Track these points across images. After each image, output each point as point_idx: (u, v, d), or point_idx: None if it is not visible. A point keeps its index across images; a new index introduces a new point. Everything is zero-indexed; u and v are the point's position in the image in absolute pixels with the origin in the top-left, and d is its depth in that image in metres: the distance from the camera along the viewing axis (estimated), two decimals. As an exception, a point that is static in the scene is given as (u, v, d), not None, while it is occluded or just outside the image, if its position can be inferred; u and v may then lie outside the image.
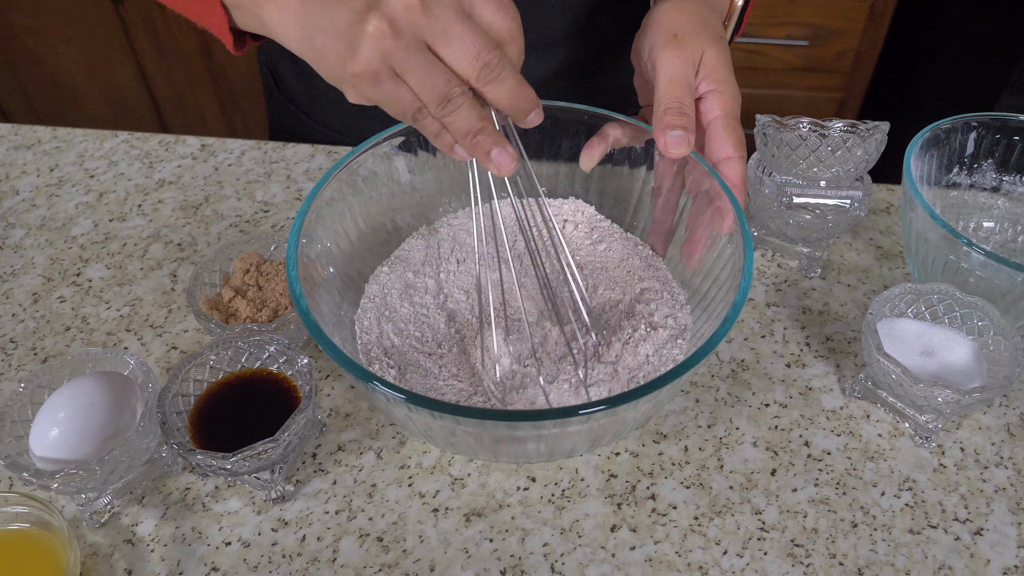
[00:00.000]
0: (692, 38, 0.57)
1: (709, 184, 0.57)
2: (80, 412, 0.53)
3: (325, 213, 0.58)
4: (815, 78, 1.79)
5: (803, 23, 1.69)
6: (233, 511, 0.56)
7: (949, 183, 0.69)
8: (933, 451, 0.58)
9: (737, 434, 0.60)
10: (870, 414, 0.61)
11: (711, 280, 0.57)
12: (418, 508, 0.56)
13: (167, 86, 1.98)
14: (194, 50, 1.89)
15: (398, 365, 0.57)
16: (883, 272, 0.71)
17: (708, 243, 0.58)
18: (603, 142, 0.63)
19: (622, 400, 0.44)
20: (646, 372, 0.56)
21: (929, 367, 0.58)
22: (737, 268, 0.52)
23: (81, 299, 0.69)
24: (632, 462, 0.58)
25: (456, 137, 0.49)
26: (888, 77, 1.83)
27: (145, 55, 1.92)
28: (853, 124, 0.62)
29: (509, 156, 0.49)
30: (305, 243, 0.54)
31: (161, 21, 1.85)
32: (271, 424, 0.54)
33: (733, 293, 0.51)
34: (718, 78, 0.57)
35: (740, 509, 0.55)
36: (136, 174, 0.81)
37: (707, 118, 0.58)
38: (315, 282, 0.55)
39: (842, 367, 0.64)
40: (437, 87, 0.46)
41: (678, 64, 0.57)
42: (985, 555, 0.53)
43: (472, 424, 0.46)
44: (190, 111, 2.03)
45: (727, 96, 0.57)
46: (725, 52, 0.58)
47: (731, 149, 0.57)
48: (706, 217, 0.58)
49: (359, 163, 0.60)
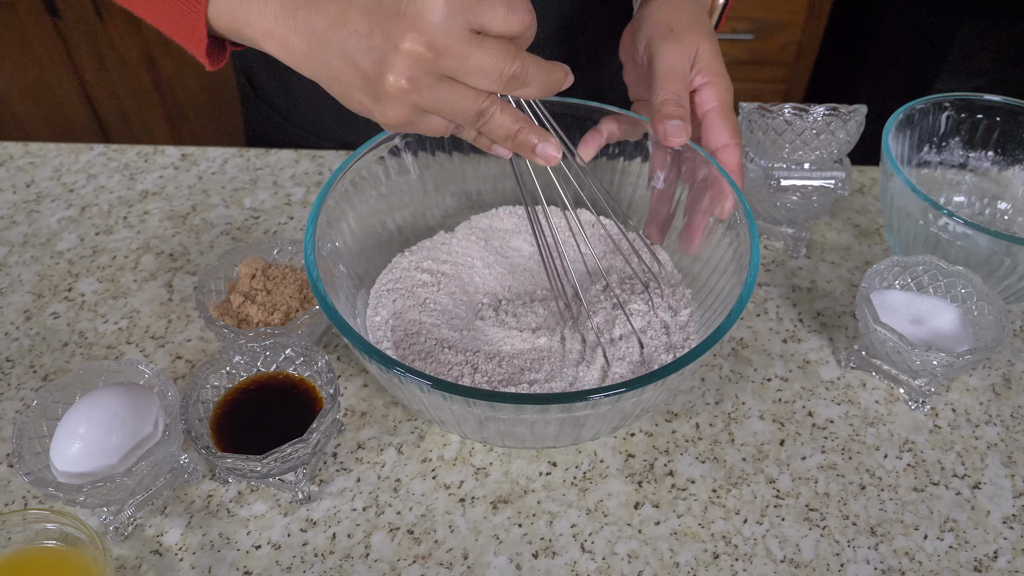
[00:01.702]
0: (687, 33, 0.60)
1: (706, 172, 0.60)
2: (102, 424, 0.53)
3: (333, 213, 0.58)
4: (760, 71, 1.85)
5: (747, 17, 1.75)
6: (259, 515, 0.56)
7: (920, 161, 0.73)
8: (928, 414, 0.62)
9: (744, 409, 0.62)
10: (866, 382, 0.64)
11: (714, 266, 0.59)
12: (444, 499, 0.57)
13: (110, 100, 1.94)
14: (138, 62, 1.86)
15: (416, 353, 0.58)
16: (863, 249, 0.74)
17: (707, 229, 0.60)
18: (599, 136, 0.64)
19: (647, 380, 0.46)
20: (660, 358, 0.58)
21: (920, 334, 0.61)
22: (745, 248, 0.54)
23: (76, 314, 0.68)
24: (647, 441, 0.60)
25: (496, 141, 0.50)
26: (829, 67, 1.90)
27: (86, 69, 1.87)
28: (834, 107, 0.65)
29: (554, 147, 0.49)
30: (320, 243, 0.55)
31: (102, 34, 1.81)
32: (292, 425, 0.55)
33: (742, 273, 0.53)
34: (712, 71, 0.60)
35: (755, 479, 0.58)
36: (117, 186, 0.80)
37: (703, 109, 0.60)
38: (331, 281, 0.55)
39: (835, 340, 0.67)
40: (467, 110, 0.46)
41: (675, 58, 0.59)
42: (985, 507, 0.56)
43: (507, 410, 0.47)
44: (135, 125, 1.99)
45: (721, 88, 0.60)
46: (717, 46, 0.61)
47: (727, 137, 0.59)
48: (704, 204, 0.61)
49: (365, 162, 0.60)
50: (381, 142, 0.61)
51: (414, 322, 0.60)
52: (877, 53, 1.78)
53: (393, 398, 0.62)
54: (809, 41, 1.80)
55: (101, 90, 1.91)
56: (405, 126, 0.48)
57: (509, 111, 0.48)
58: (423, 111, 0.47)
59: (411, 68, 0.44)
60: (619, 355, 0.57)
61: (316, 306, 0.60)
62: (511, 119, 0.48)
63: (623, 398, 0.47)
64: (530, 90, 0.47)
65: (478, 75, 0.45)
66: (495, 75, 0.45)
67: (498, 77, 0.45)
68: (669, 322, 0.60)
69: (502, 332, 0.60)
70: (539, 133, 0.49)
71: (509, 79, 0.45)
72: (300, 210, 0.77)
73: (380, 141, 0.61)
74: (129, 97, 1.92)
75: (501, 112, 0.48)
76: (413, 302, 0.62)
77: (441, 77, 0.45)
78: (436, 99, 0.45)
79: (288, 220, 0.76)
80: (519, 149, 0.50)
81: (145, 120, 1.96)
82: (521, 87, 0.46)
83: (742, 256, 0.55)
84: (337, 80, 0.47)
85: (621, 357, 0.57)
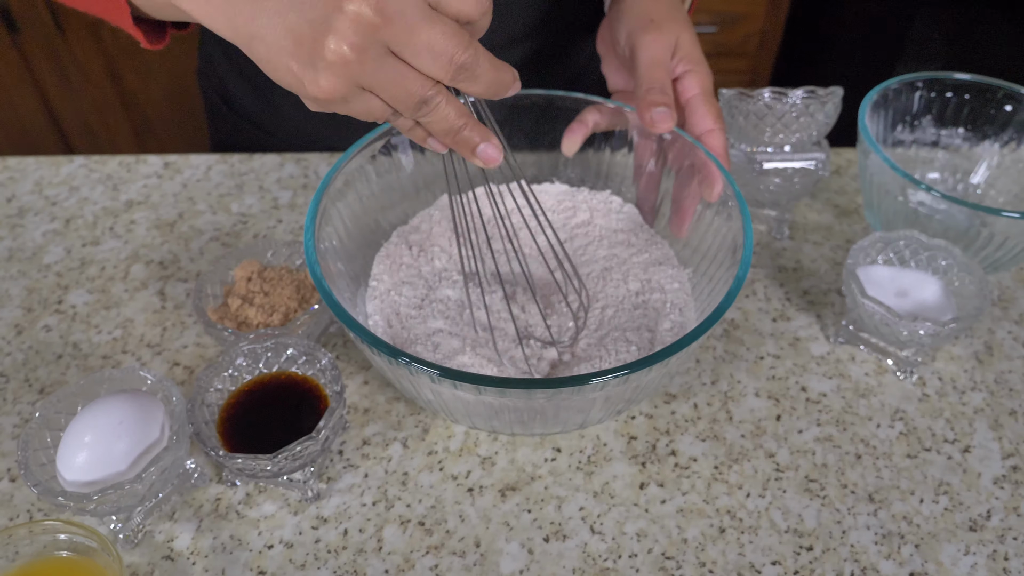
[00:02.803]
0: (667, 23, 0.61)
1: (693, 157, 0.61)
2: (109, 432, 0.53)
3: (328, 211, 0.59)
4: (725, 62, 1.88)
5: (710, 10, 1.78)
6: (269, 515, 0.56)
7: (894, 141, 0.75)
8: (916, 383, 0.64)
9: (740, 387, 0.63)
10: (855, 356, 0.66)
11: (705, 251, 0.61)
12: (453, 490, 0.57)
13: (74, 115, 1.91)
14: (100, 76, 1.83)
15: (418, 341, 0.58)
16: (843, 228, 0.76)
17: (698, 214, 0.62)
18: (584, 126, 0.66)
19: (643, 364, 0.47)
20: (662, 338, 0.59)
21: (905, 306, 0.63)
22: (737, 229, 0.56)
23: (68, 326, 0.67)
24: (648, 423, 0.61)
25: (436, 135, 0.47)
26: (791, 57, 1.94)
27: (48, 84, 1.85)
28: (811, 90, 0.67)
29: (495, 148, 0.47)
30: (319, 242, 0.55)
31: (63, 48, 1.78)
32: (298, 424, 0.55)
33: (736, 253, 0.54)
34: (693, 59, 0.61)
35: (755, 454, 0.59)
36: (101, 197, 0.80)
37: (685, 96, 0.62)
38: (331, 278, 0.56)
39: (823, 316, 0.68)
40: (411, 95, 0.43)
41: (657, 48, 0.60)
42: (976, 469, 0.58)
43: (517, 395, 0.48)
44: (101, 139, 1.96)
45: (702, 75, 0.62)
46: (695, 35, 0.63)
47: (712, 122, 0.61)
48: (692, 188, 0.62)
49: (362, 157, 0.61)
50: (375, 139, 0.62)
51: (408, 315, 0.61)
52: (837, 42, 1.82)
53: (397, 393, 0.63)
54: (771, 31, 1.83)
55: (64, 105, 1.89)
56: (336, 103, 0.43)
57: (455, 104, 0.45)
58: (361, 88, 0.42)
59: (356, 33, 0.39)
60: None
61: (315, 306, 0.61)
62: (456, 113, 0.45)
63: (629, 379, 0.48)
64: (477, 86, 0.44)
65: (427, 55, 0.41)
66: (445, 59, 0.41)
67: (448, 62, 0.41)
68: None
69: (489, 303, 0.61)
70: (482, 132, 0.46)
71: (459, 67, 0.42)
72: (288, 213, 0.77)
73: (374, 138, 0.61)
74: (93, 112, 1.90)
75: (447, 104, 0.44)
76: (407, 294, 0.62)
77: (387, 51, 0.40)
78: (379, 76, 0.41)
79: (277, 223, 0.76)
80: (459, 147, 0.47)
81: (111, 135, 1.94)
82: (469, 80, 0.43)
83: (736, 237, 0.56)
84: (262, 41, 0.41)
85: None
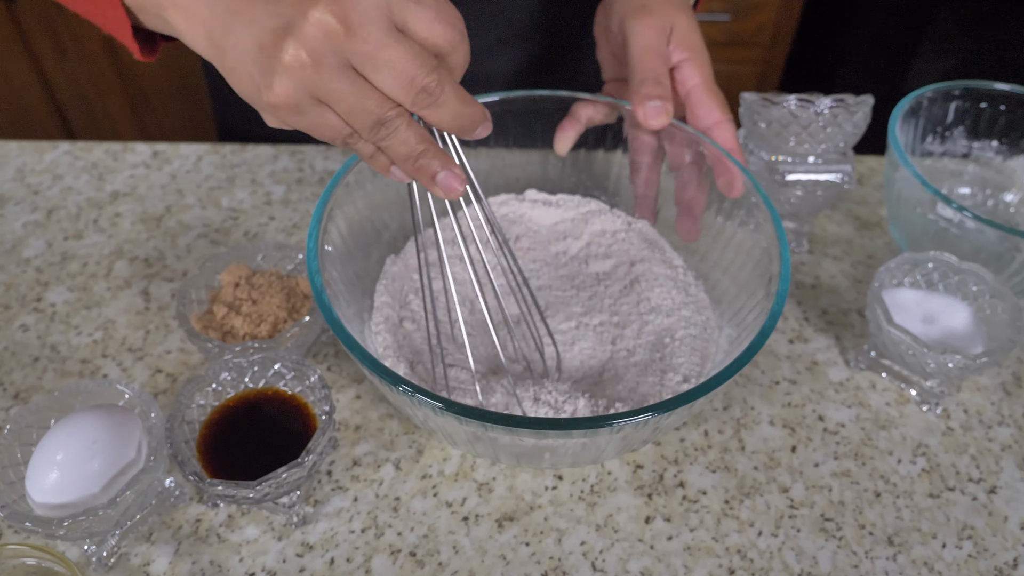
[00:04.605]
0: (661, 7, 0.57)
1: (696, 151, 0.57)
2: (81, 452, 0.49)
3: (329, 215, 0.55)
4: (737, 52, 1.83)
5: (725, -2, 1.72)
6: (252, 539, 0.53)
7: (924, 152, 0.71)
8: (940, 415, 0.60)
9: (753, 414, 0.60)
10: (876, 383, 0.62)
11: (726, 266, 0.57)
12: (447, 518, 0.54)
13: (71, 89, 1.86)
14: (98, 50, 1.79)
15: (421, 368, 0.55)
16: (864, 242, 0.73)
17: (719, 225, 0.58)
18: (576, 123, 0.62)
19: (665, 408, 0.44)
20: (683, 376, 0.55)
21: (932, 334, 0.59)
22: (770, 241, 0.52)
23: (47, 326, 0.64)
24: (656, 451, 0.58)
25: (395, 161, 0.44)
26: (806, 48, 1.89)
27: (45, 57, 1.80)
28: (840, 98, 0.63)
29: (456, 177, 0.43)
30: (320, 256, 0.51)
31: (61, 21, 1.73)
32: (284, 444, 0.52)
33: (772, 284, 0.51)
34: (690, 45, 0.57)
35: (767, 488, 0.56)
36: (86, 187, 0.76)
37: (686, 86, 0.58)
38: (330, 288, 0.52)
39: (842, 339, 0.65)
40: (368, 113, 0.40)
41: (650, 34, 0.56)
42: (1003, 512, 0.55)
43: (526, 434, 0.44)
44: (98, 114, 1.91)
45: (702, 62, 0.58)
46: (694, 20, 0.59)
47: (719, 113, 0.57)
48: (697, 184, 0.59)
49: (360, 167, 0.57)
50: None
51: (412, 335, 0.57)
52: (853, 33, 1.77)
53: (390, 409, 0.59)
54: (786, 22, 1.78)
55: (61, 79, 1.84)
56: (291, 113, 0.40)
57: (415, 129, 0.42)
58: (316, 100, 0.40)
59: (315, 40, 0.38)
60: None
61: (305, 317, 0.57)
62: (416, 137, 0.42)
63: (649, 422, 0.45)
64: (440, 115, 0.41)
65: (388, 73, 0.39)
66: (406, 80, 0.39)
67: (408, 84, 0.39)
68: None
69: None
70: (443, 159, 0.43)
71: (420, 91, 0.39)
72: (281, 209, 0.73)
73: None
74: (90, 85, 1.85)
75: (407, 128, 0.41)
76: (409, 313, 0.59)
77: (346, 65, 0.39)
78: (335, 88, 0.39)
79: (269, 221, 0.72)
80: (418, 175, 0.43)
81: (108, 110, 1.90)
82: (431, 107, 0.41)
83: (766, 251, 0.52)
84: (233, 50, 0.40)
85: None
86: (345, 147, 0.44)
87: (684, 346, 0.56)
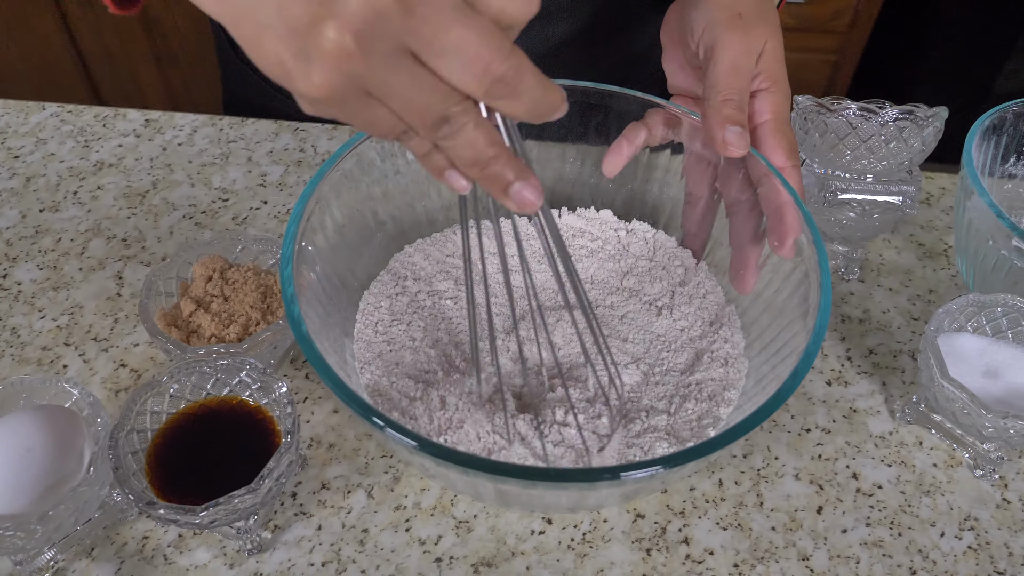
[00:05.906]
0: (757, 24, 0.50)
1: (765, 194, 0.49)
2: (15, 460, 0.45)
3: (317, 208, 0.49)
4: (808, 38, 1.71)
5: (799, -20, 1.61)
6: (200, 564, 0.48)
7: (1004, 174, 0.62)
8: (995, 484, 0.52)
9: (776, 465, 0.53)
10: (923, 440, 0.54)
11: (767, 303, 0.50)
12: (418, 557, 0.48)
13: (95, 40, 1.82)
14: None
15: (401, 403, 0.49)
16: (927, 274, 0.64)
17: (760, 263, 0.50)
18: (630, 145, 0.55)
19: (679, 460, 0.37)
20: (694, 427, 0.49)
21: (993, 390, 0.51)
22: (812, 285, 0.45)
23: (9, 307, 0.59)
24: (661, 500, 0.51)
25: (457, 164, 0.36)
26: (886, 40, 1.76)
27: (69, 5, 1.76)
28: (909, 110, 0.55)
29: (534, 190, 0.35)
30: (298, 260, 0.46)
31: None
32: (245, 462, 0.47)
33: (808, 320, 0.43)
34: (773, 76, 0.50)
35: (784, 554, 0.49)
36: (69, 155, 0.71)
37: (756, 121, 0.51)
38: (303, 290, 0.46)
39: (888, 385, 0.57)
40: (429, 109, 0.33)
41: (742, 52, 0.49)
42: (1061, 607, 0.47)
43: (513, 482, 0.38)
44: (121, 68, 1.87)
45: (780, 97, 0.50)
46: (782, 45, 0.51)
47: (783, 158, 0.49)
48: (756, 231, 0.51)
49: (361, 151, 0.51)
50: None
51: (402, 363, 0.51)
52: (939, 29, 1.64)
53: (368, 428, 0.53)
54: (867, 8, 1.65)
55: (85, 29, 1.80)
56: (333, 106, 0.33)
57: (484, 128, 0.34)
58: (365, 92, 0.32)
59: (363, 20, 0.29)
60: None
61: (280, 320, 0.52)
62: (485, 139, 0.34)
63: (657, 475, 0.38)
64: (517, 106, 0.33)
65: (456, 60, 0.31)
66: (479, 68, 0.31)
67: (482, 72, 0.31)
68: None
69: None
70: (517, 168, 0.35)
71: (496, 80, 0.32)
72: (276, 193, 0.68)
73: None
74: (115, 37, 1.81)
75: (475, 127, 0.34)
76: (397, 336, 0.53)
77: (403, 50, 0.31)
78: (388, 79, 0.31)
79: (262, 205, 0.67)
80: (487, 183, 0.36)
81: (131, 60, 1.85)
82: (508, 98, 0.33)
83: (806, 276, 0.45)
84: (250, 15, 0.31)
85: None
86: (396, 141, 0.36)
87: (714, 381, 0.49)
